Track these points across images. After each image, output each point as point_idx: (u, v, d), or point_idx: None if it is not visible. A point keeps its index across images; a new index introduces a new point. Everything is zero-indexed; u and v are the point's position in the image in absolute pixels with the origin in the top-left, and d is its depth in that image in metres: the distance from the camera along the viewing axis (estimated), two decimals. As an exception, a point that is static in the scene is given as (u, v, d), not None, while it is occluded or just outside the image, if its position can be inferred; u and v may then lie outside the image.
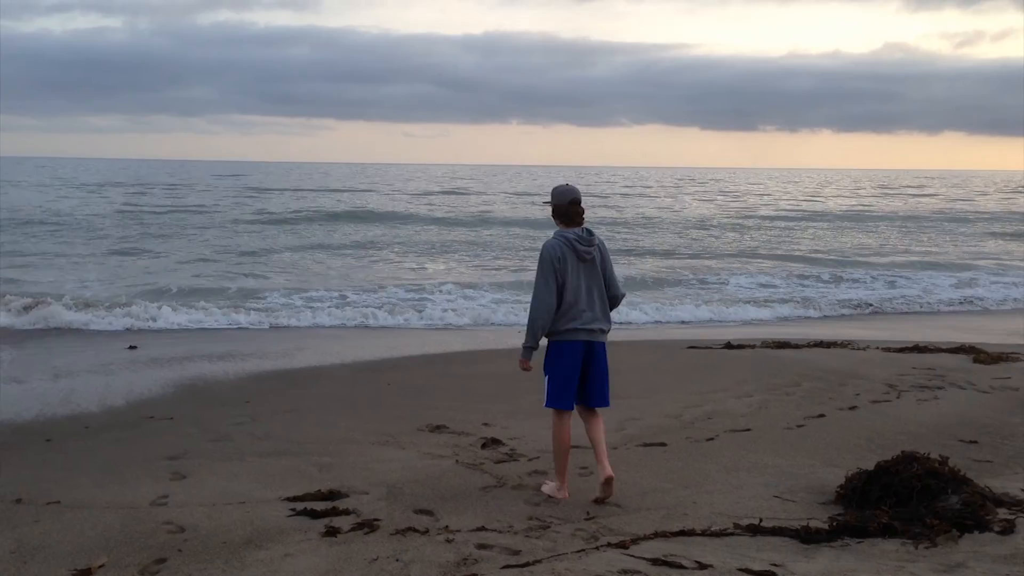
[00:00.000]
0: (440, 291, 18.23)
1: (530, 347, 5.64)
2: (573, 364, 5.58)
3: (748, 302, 17.74)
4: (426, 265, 24.05)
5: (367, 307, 15.80)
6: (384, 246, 28.23)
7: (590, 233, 5.70)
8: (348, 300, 16.71)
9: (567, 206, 5.72)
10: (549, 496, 5.54)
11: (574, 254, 5.58)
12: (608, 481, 5.38)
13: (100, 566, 4.31)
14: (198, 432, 7.34)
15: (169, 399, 8.92)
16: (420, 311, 15.59)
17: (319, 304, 16.08)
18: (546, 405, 5.70)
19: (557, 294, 5.54)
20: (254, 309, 15.38)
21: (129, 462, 6.34)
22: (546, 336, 5.65)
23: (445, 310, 15.77)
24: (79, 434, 7.45)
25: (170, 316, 14.50)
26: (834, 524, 4.80)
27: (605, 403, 5.73)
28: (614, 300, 5.79)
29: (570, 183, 5.92)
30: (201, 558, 4.41)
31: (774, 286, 20.55)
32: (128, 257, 24.09)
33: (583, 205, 5.77)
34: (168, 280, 19.25)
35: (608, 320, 5.73)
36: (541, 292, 5.55)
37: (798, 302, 17.87)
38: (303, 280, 19.86)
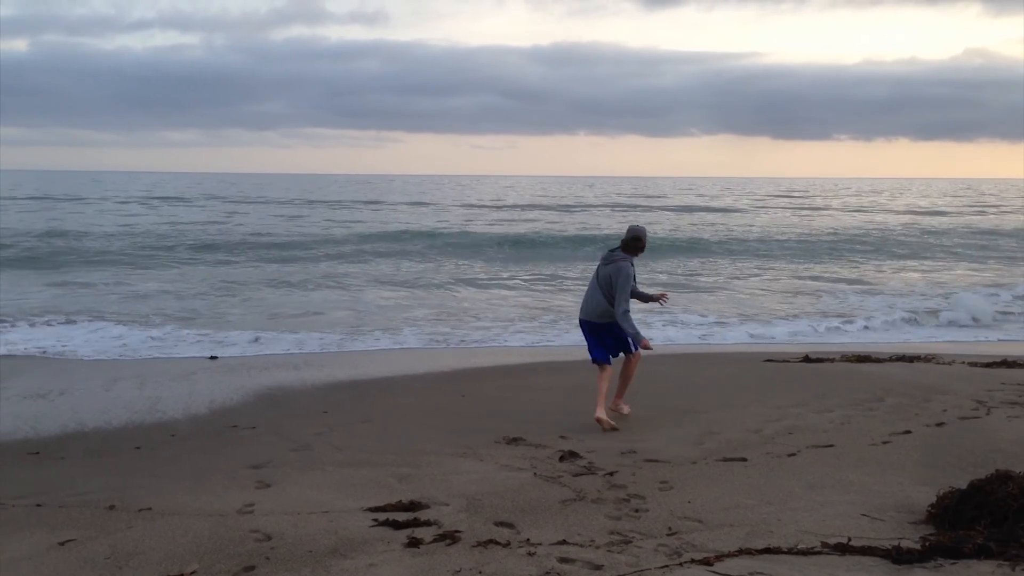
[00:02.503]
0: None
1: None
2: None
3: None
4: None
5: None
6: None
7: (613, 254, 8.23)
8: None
9: (631, 240, 8.16)
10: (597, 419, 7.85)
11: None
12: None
13: (192, 572, 4.42)
14: (279, 441, 7.48)
15: (250, 408, 9.11)
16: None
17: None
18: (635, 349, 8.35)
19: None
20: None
21: (215, 470, 6.49)
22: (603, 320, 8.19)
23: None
24: (166, 442, 7.66)
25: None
26: (926, 544, 4.65)
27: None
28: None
29: (639, 223, 8.64)
30: (288, 566, 4.48)
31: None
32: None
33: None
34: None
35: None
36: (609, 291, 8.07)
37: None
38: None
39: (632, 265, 8.14)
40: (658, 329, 14.71)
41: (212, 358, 12.20)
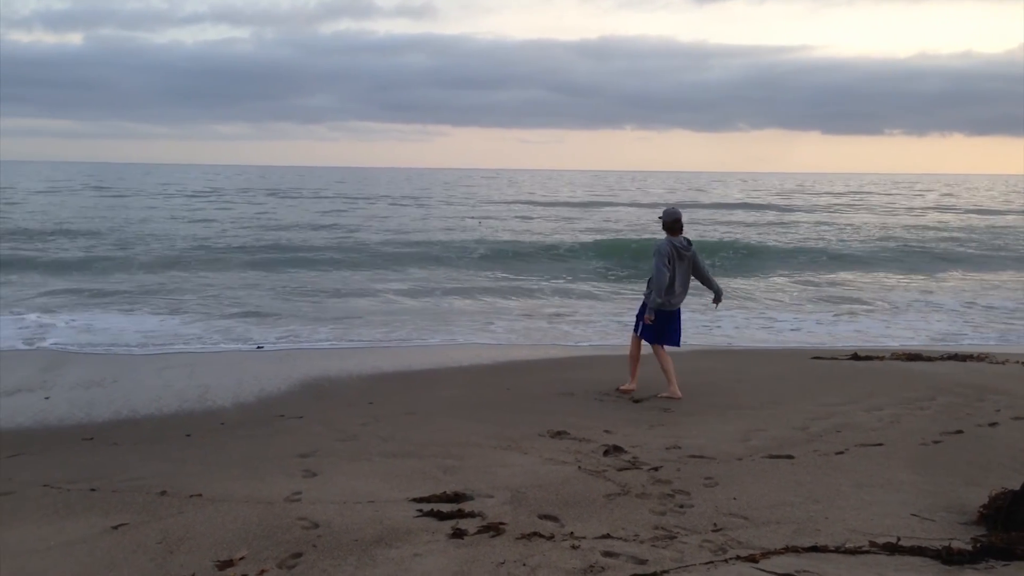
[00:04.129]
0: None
1: (653, 308, 8.92)
2: (660, 323, 9.01)
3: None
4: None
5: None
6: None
7: (689, 242, 9.09)
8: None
9: (673, 222, 9.03)
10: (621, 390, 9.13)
11: (676, 253, 8.94)
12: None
13: (241, 558, 4.49)
14: (326, 431, 7.57)
15: (297, 398, 9.23)
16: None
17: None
18: (637, 334, 9.24)
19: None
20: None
21: (263, 458, 6.58)
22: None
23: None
24: (216, 430, 7.79)
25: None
26: (978, 545, 4.57)
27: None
28: (718, 290, 9.26)
29: (675, 206, 9.31)
30: (335, 554, 4.54)
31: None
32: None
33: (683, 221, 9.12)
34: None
35: (684, 297, 9.18)
36: (663, 272, 8.83)
37: None
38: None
39: (672, 245, 8.93)
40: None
41: (258, 348, 12.38)
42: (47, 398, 9.10)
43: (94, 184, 76.56)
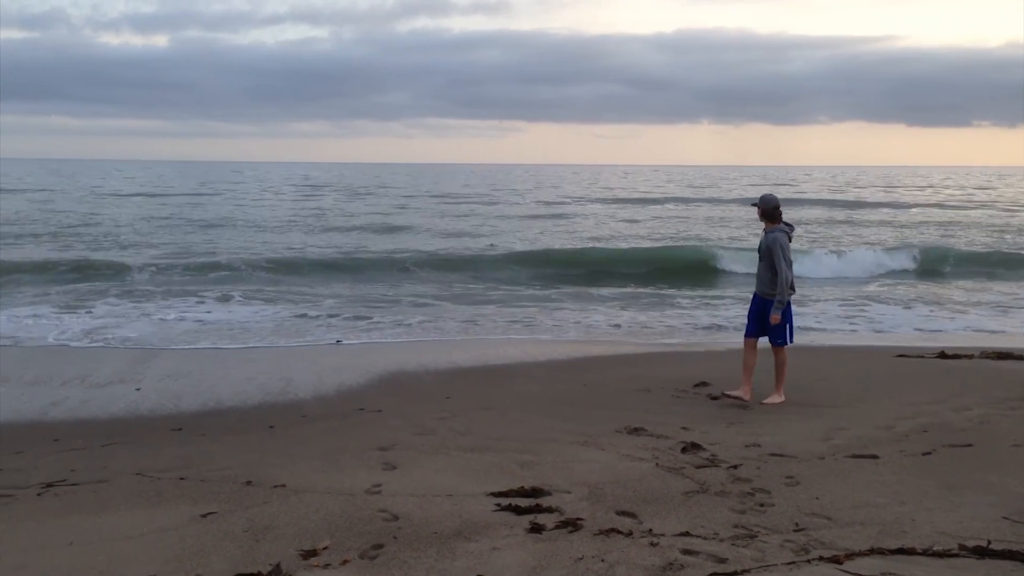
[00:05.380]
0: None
1: (781, 304, 8.33)
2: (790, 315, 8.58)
3: None
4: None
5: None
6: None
7: (791, 227, 8.61)
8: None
9: (774, 209, 8.45)
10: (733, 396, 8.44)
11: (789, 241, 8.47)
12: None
13: (324, 548, 4.59)
14: (404, 425, 7.67)
15: (375, 392, 9.37)
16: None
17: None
18: (791, 342, 8.57)
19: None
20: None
21: (344, 450, 6.70)
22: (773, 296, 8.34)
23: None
24: (297, 422, 7.97)
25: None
26: (1074, 552, 4.41)
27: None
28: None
29: (771, 193, 8.68)
30: (415, 546, 4.60)
31: None
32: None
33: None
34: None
35: None
36: (789, 265, 8.31)
37: None
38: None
39: (787, 235, 8.47)
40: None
41: (337, 343, 12.60)
42: (138, 389, 9.42)
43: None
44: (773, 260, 8.31)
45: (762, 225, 8.59)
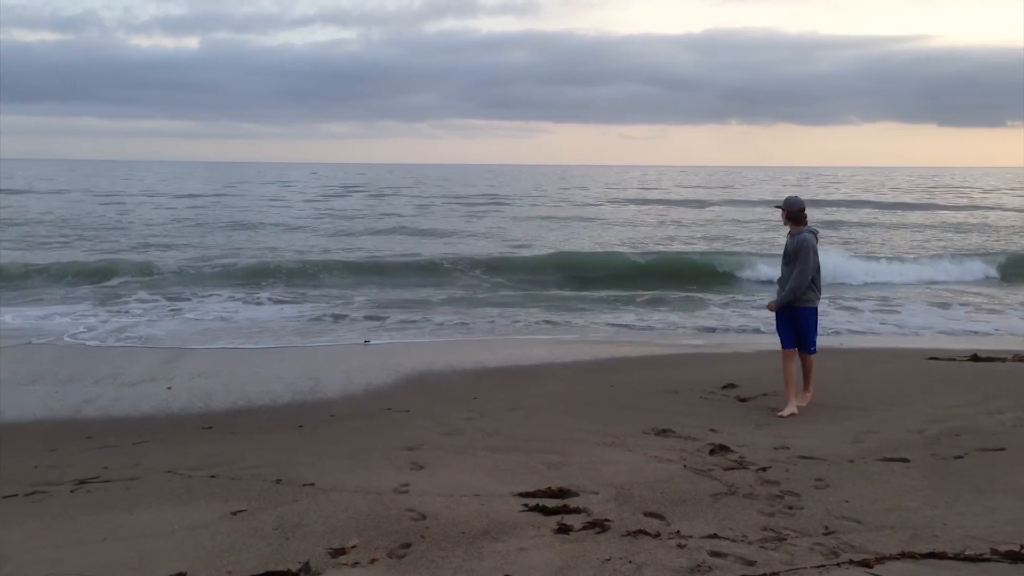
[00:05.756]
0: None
1: (786, 304, 8.16)
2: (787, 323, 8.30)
3: None
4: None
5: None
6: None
7: (815, 231, 8.28)
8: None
9: (799, 212, 8.18)
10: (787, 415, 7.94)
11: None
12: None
13: (353, 546, 4.62)
14: (432, 425, 7.69)
15: (403, 392, 9.41)
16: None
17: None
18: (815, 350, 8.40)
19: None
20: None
21: (371, 450, 6.74)
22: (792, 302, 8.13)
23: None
24: (326, 421, 8.02)
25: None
26: (1111, 558, 4.35)
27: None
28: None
29: (797, 195, 8.32)
30: (442, 546, 4.62)
31: None
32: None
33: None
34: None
35: None
36: (808, 269, 8.00)
37: None
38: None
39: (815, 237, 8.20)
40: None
41: (365, 343, 12.67)
42: (169, 388, 9.53)
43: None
44: (798, 260, 8.01)
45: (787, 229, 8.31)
